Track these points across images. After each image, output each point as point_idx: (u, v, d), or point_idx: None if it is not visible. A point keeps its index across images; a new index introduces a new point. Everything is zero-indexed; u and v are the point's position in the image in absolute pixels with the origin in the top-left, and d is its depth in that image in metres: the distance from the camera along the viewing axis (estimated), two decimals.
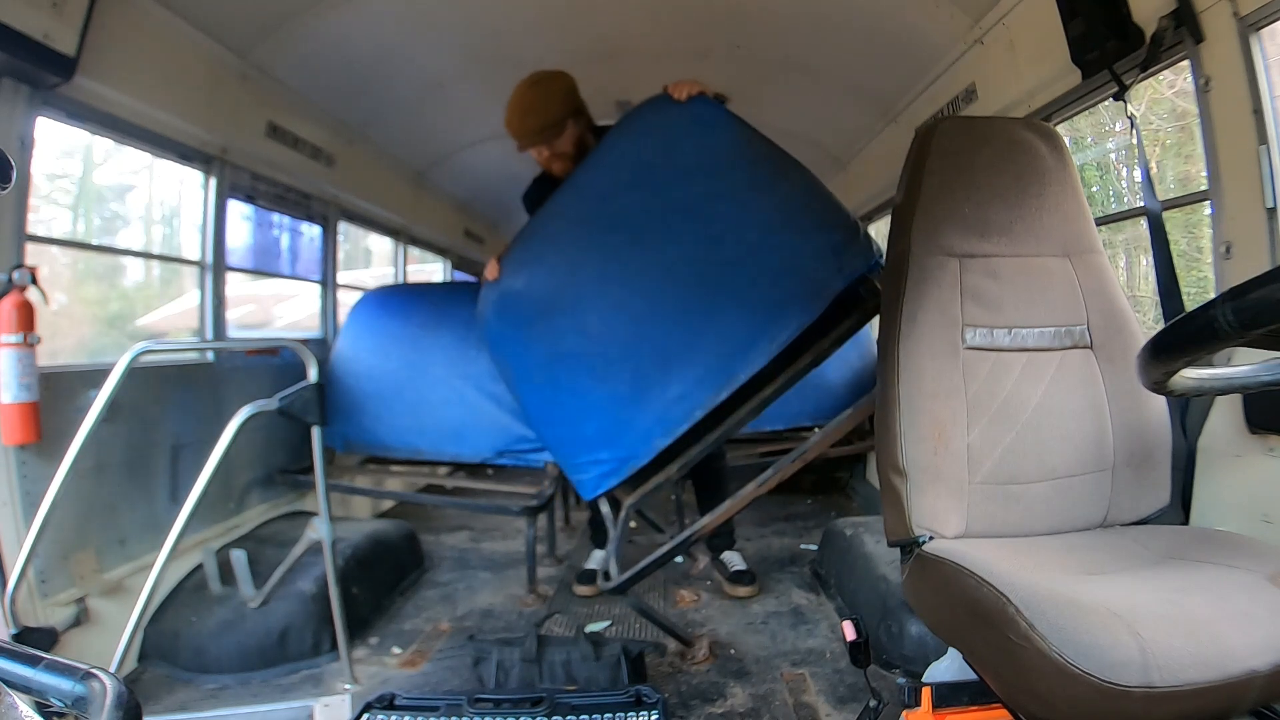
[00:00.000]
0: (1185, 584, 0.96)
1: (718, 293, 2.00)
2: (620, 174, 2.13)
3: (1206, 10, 1.55)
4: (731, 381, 1.97)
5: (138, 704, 0.45)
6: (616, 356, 2.05)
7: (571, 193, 2.20)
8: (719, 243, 2.02)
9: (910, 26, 2.63)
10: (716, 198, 2.04)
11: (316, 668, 2.15)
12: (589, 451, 2.09)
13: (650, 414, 2.03)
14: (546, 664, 1.88)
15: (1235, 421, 1.48)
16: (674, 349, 2.02)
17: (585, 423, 2.09)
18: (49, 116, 2.01)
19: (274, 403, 1.94)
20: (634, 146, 2.15)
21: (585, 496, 2.15)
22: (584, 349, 2.08)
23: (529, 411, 2.27)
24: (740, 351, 1.97)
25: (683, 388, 2.00)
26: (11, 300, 1.85)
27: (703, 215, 2.03)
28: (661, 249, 2.05)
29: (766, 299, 1.98)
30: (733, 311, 1.99)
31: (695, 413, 2.00)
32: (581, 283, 2.11)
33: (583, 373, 2.08)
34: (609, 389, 2.06)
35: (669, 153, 2.10)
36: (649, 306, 2.04)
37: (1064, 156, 1.34)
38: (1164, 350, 0.73)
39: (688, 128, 2.10)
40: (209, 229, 2.76)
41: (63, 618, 1.94)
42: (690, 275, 2.02)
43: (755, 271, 1.99)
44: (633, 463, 2.05)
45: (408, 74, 3.16)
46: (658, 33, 2.95)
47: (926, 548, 1.13)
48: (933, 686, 1.13)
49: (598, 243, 2.11)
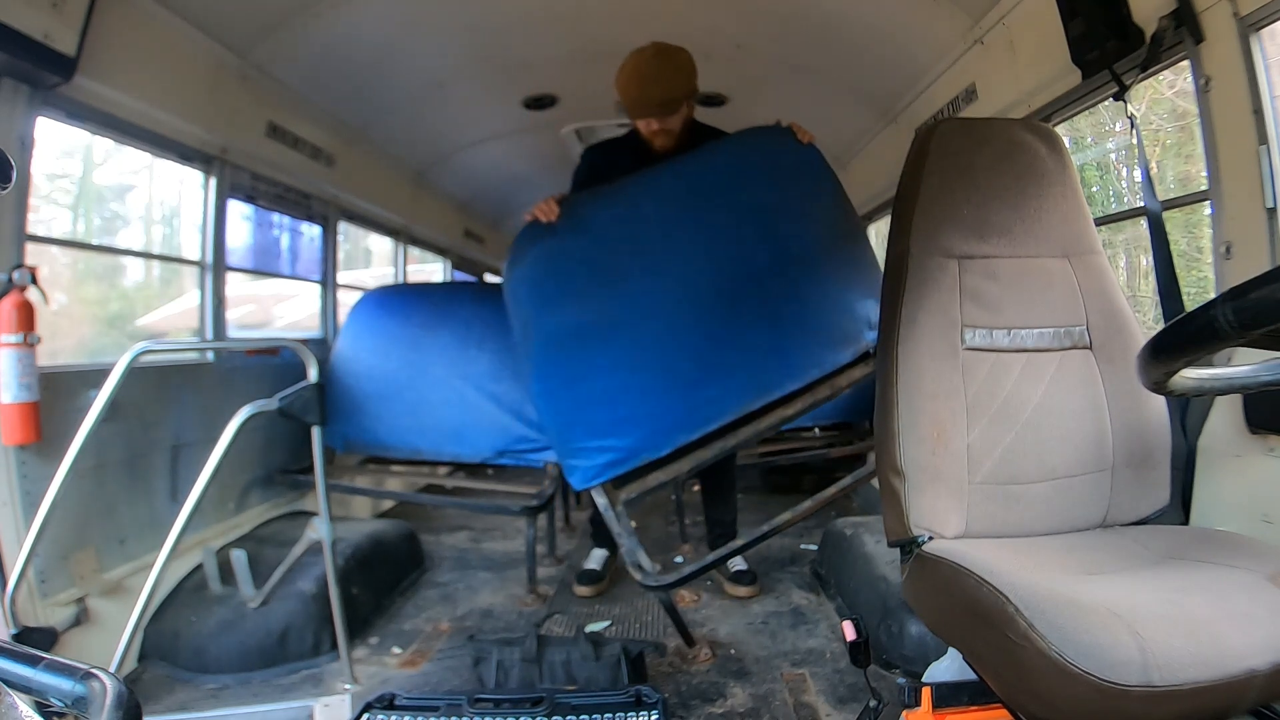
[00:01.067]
0: (1185, 584, 0.96)
1: (775, 314, 2.10)
2: (720, 176, 2.20)
3: (1206, 10, 1.55)
4: (767, 395, 2.08)
5: (138, 704, 0.46)
6: (657, 343, 2.05)
7: (669, 175, 2.23)
8: (787, 271, 2.13)
9: (910, 26, 2.63)
10: (797, 235, 2.17)
11: (316, 668, 2.15)
12: (597, 437, 2.05)
13: (679, 409, 2.04)
14: (546, 664, 1.88)
15: (1235, 421, 1.48)
16: (720, 351, 2.06)
17: (603, 406, 2.05)
18: (49, 116, 2.01)
19: (274, 403, 1.94)
20: (743, 157, 2.26)
21: (577, 485, 2.11)
22: (625, 327, 2.06)
23: (539, 382, 2.17)
24: (781, 370, 2.09)
25: (719, 390, 2.04)
26: (11, 300, 1.85)
27: (780, 242, 2.14)
28: (735, 257, 2.12)
29: (814, 334, 2.12)
30: (784, 335, 2.10)
31: (725, 416, 2.05)
32: (644, 260, 2.10)
33: (614, 350, 2.06)
34: (641, 375, 2.05)
35: (771, 176, 2.22)
36: (708, 304, 2.08)
37: (1063, 157, 1.34)
38: (1164, 350, 0.73)
39: (794, 163, 2.27)
40: (209, 229, 2.76)
41: (63, 618, 1.94)
42: (753, 290, 2.11)
43: (811, 308, 2.14)
44: (645, 455, 2.04)
45: (408, 74, 3.16)
46: (658, 33, 2.94)
47: (926, 548, 1.13)
48: (933, 686, 1.13)
49: (675, 229, 2.13)
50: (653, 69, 2.28)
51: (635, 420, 2.04)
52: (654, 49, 2.30)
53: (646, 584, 2.01)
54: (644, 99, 2.29)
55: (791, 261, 2.14)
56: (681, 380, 2.04)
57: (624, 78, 2.31)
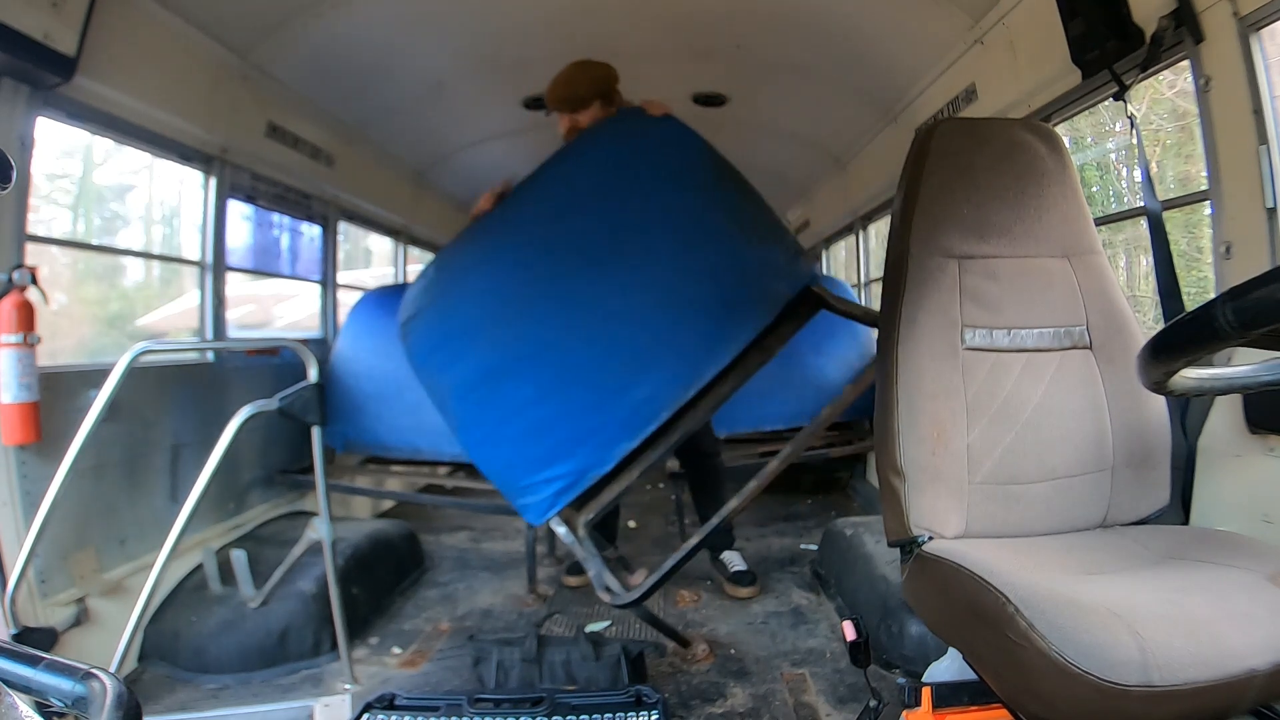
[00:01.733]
0: (1185, 584, 0.96)
1: (685, 298, 2.07)
2: (589, 179, 2.17)
3: (1206, 10, 1.55)
4: (699, 379, 2.04)
5: (138, 704, 0.45)
6: (574, 361, 2.02)
7: (534, 191, 2.22)
8: (685, 252, 2.10)
9: (910, 26, 2.63)
10: (684, 210, 2.14)
11: (316, 668, 2.15)
12: (540, 470, 2.02)
13: (616, 418, 2.01)
14: (546, 664, 1.88)
15: (1235, 421, 1.48)
16: (642, 351, 2.03)
17: (537, 438, 2.02)
18: (49, 116, 2.01)
19: (274, 403, 1.94)
20: (605, 154, 2.23)
21: (535, 521, 2.06)
22: (536, 355, 2.03)
23: (464, 434, 2.15)
24: (706, 351, 2.05)
25: (651, 388, 2.02)
26: (11, 300, 1.85)
27: (670, 226, 2.11)
28: (627, 252, 2.09)
29: (729, 304, 2.08)
30: (699, 315, 2.06)
31: (663, 413, 2.02)
32: (538, 288, 2.07)
33: (532, 381, 2.03)
34: (566, 398, 2.02)
35: (639, 161, 2.19)
36: (617, 309, 2.05)
37: (1063, 157, 1.34)
38: (1164, 350, 0.73)
39: (658, 144, 2.22)
40: (209, 229, 2.76)
41: (63, 618, 1.94)
42: (656, 279, 2.07)
43: (718, 279, 2.10)
44: (593, 473, 2.01)
45: (408, 74, 3.16)
46: (658, 33, 2.96)
47: (926, 548, 1.13)
48: (933, 686, 1.13)
49: (559, 243, 2.10)
50: (567, 72, 2.45)
51: (573, 442, 2.01)
52: (576, 60, 2.47)
53: (616, 604, 2.01)
54: (552, 95, 2.45)
55: (683, 240, 2.11)
56: (609, 390, 2.01)
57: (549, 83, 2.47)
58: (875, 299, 4.28)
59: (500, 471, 2.10)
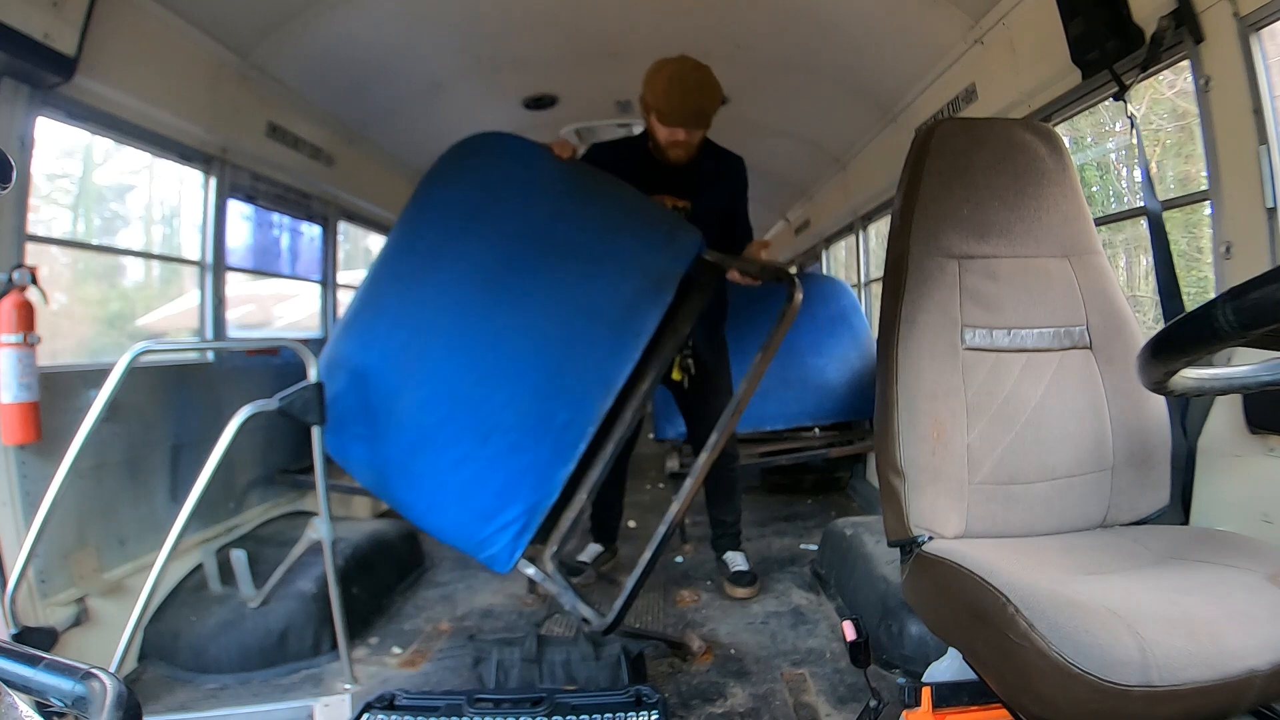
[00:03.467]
0: (1185, 584, 0.96)
1: (576, 308, 2.02)
2: (450, 221, 2.10)
3: (1206, 10, 1.55)
4: (611, 388, 1.99)
5: (138, 704, 0.45)
6: (492, 409, 1.99)
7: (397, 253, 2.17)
8: (564, 261, 2.04)
9: (910, 26, 2.63)
10: (550, 221, 2.09)
11: (316, 668, 2.15)
12: (490, 521, 1.98)
13: (545, 449, 1.97)
14: (546, 664, 1.87)
15: (1235, 421, 1.48)
16: (549, 376, 1.99)
17: (476, 494, 1.98)
18: (49, 116, 2.00)
19: (274, 403, 1.94)
20: (458, 190, 2.16)
21: (504, 569, 2.02)
22: (455, 413, 1.99)
23: (408, 510, 2.10)
24: (612, 356, 2.00)
25: (569, 411, 1.98)
26: (11, 300, 1.85)
27: (541, 240, 2.06)
28: (510, 284, 2.03)
29: (621, 300, 2.03)
30: (594, 321, 2.01)
31: (588, 430, 1.98)
32: (433, 345, 2.02)
33: (460, 441, 1.98)
34: (492, 445, 1.98)
35: (494, 189, 2.13)
36: (513, 343, 2.00)
37: (1063, 157, 1.34)
38: (1164, 350, 0.73)
39: (505, 163, 2.17)
40: (209, 229, 2.76)
41: (63, 618, 1.94)
42: (546, 300, 2.02)
43: (604, 278, 2.04)
44: (543, 506, 1.98)
45: (408, 74, 3.16)
46: (658, 33, 2.95)
47: (926, 548, 1.13)
48: (933, 686, 1.13)
49: (441, 295, 2.04)
50: (694, 79, 2.28)
51: (513, 485, 1.98)
52: (690, 61, 2.30)
53: (591, 632, 1.99)
54: (685, 108, 2.28)
55: (556, 252, 2.05)
56: (529, 425, 1.97)
57: (662, 83, 2.28)
58: (875, 299, 4.29)
59: (454, 534, 2.06)
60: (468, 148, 2.25)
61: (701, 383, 2.54)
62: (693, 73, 2.28)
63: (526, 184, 2.14)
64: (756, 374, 2.10)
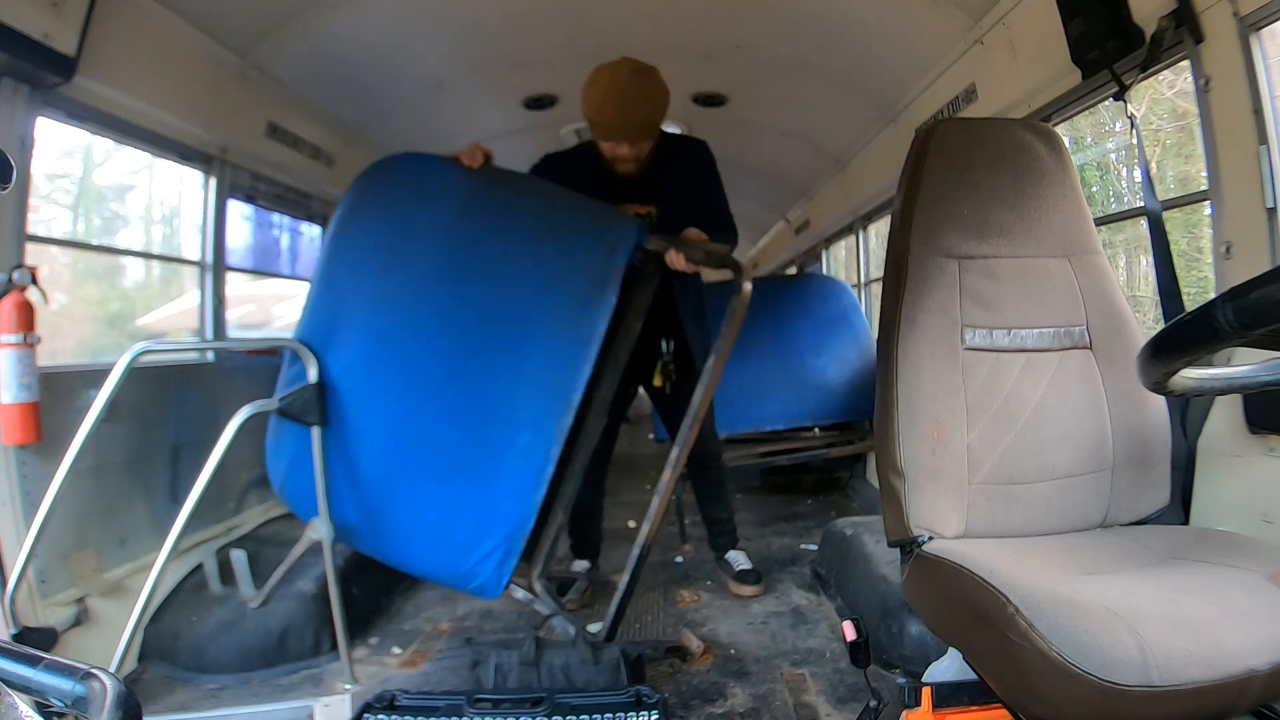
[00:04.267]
0: (1185, 584, 0.96)
1: (518, 326, 1.95)
2: (365, 266, 2.01)
3: (1206, 10, 1.55)
4: (569, 402, 1.92)
5: (138, 704, 0.45)
6: (451, 446, 1.95)
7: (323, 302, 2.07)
8: (498, 281, 1.97)
9: (910, 26, 2.63)
10: (476, 241, 2.00)
11: (316, 668, 2.15)
12: (472, 553, 1.96)
13: (513, 475, 1.93)
14: (545, 667, 1.87)
15: (1235, 421, 1.48)
16: (502, 401, 1.94)
17: (453, 528, 1.96)
18: (49, 116, 2.00)
19: (274, 403, 1.94)
20: (372, 232, 2.05)
21: (494, 595, 1.99)
22: (412, 460, 1.96)
23: (390, 554, 2.06)
24: (565, 368, 1.93)
25: (530, 433, 1.93)
26: (11, 300, 1.85)
27: (470, 264, 1.98)
28: (446, 318, 1.96)
29: (566, 307, 1.95)
30: (540, 336, 1.95)
31: (552, 449, 1.93)
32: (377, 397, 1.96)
33: (424, 484, 1.96)
34: (459, 481, 1.95)
35: (409, 221, 2.03)
36: (461, 377, 1.95)
37: (1063, 157, 1.34)
38: (1164, 350, 0.73)
39: (418, 189, 2.07)
40: (209, 229, 2.76)
41: (63, 618, 1.94)
42: (485, 325, 1.95)
43: (546, 288, 1.96)
44: (521, 531, 1.95)
45: (408, 74, 3.16)
46: (658, 33, 2.95)
47: (926, 548, 1.13)
48: (933, 686, 1.13)
49: (381, 347, 1.97)
50: (633, 91, 2.13)
51: (488, 515, 1.95)
52: (630, 67, 2.15)
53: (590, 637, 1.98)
54: (624, 122, 2.15)
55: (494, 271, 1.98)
56: (494, 455, 1.94)
57: (598, 97, 2.15)
58: (875, 299, 4.29)
59: (440, 571, 2.04)
60: (374, 178, 2.14)
61: (684, 388, 2.51)
62: (632, 82, 2.13)
63: (444, 207, 2.04)
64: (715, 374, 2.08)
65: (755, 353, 3.47)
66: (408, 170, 2.13)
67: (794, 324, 3.62)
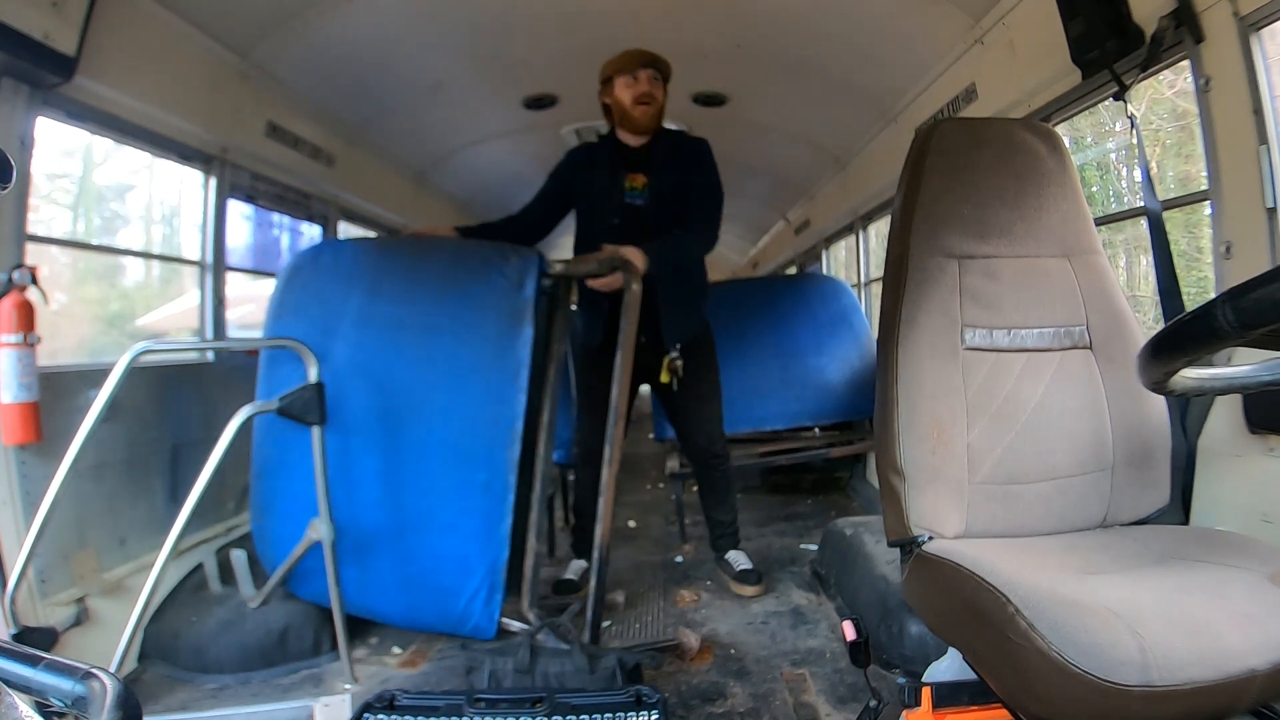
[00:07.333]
0: (1185, 584, 0.96)
1: (454, 374, 2.09)
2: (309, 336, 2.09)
3: (1206, 10, 1.55)
4: (513, 432, 2.06)
5: (138, 704, 0.45)
6: (412, 501, 2.08)
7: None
8: (426, 336, 2.11)
9: (910, 26, 2.63)
10: (397, 303, 2.15)
11: (316, 668, 2.15)
12: (457, 596, 2.07)
13: (478, 515, 2.05)
14: (540, 675, 1.85)
15: (1235, 421, 1.48)
16: (453, 447, 2.07)
17: (435, 576, 2.08)
18: (49, 116, 2.01)
19: (274, 403, 1.94)
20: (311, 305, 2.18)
21: (490, 633, 2.08)
22: (381, 523, 2.09)
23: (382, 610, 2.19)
24: (499, 402, 2.07)
25: (485, 470, 2.06)
26: (11, 300, 1.85)
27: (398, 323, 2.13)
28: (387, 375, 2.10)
29: (490, 344, 2.09)
30: (476, 375, 2.08)
31: (509, 479, 2.06)
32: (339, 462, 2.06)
33: (395, 543, 2.09)
34: (428, 532, 2.07)
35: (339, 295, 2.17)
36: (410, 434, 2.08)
37: (1063, 157, 1.34)
38: (1164, 350, 0.73)
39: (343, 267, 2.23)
40: (209, 229, 2.76)
41: (63, 618, 1.94)
42: (426, 374, 2.10)
43: (469, 331, 2.11)
44: (498, 564, 2.06)
45: (408, 74, 3.16)
46: (658, 33, 2.95)
47: (926, 548, 1.13)
48: (933, 686, 1.13)
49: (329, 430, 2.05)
50: (640, 47, 2.46)
51: (464, 558, 2.05)
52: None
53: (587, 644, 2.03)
54: (640, 55, 2.43)
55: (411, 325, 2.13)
56: (454, 498, 2.06)
57: (613, 57, 2.47)
58: (875, 299, 4.29)
59: (432, 620, 2.15)
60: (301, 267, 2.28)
61: (687, 386, 2.54)
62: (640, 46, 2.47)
63: (360, 285, 2.18)
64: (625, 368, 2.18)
65: (755, 353, 3.47)
66: (329, 257, 2.33)
67: (794, 324, 3.62)
